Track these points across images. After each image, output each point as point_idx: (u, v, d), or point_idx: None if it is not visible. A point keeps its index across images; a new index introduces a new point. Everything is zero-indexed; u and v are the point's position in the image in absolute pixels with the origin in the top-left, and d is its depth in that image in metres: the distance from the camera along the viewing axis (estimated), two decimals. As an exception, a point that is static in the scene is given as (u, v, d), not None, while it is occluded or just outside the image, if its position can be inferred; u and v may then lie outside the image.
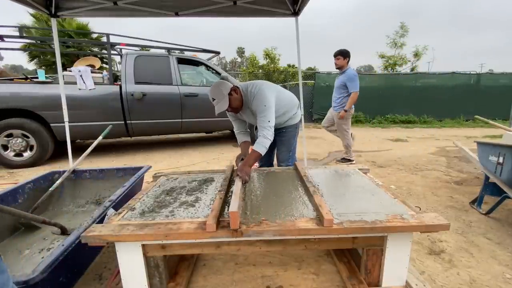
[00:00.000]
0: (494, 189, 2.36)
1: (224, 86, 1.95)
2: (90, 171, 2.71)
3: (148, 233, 1.23)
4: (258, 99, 1.96)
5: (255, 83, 2.06)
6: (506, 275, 1.64)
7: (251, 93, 2.01)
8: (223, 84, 1.96)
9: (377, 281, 1.43)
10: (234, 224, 1.21)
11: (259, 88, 2.00)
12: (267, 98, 1.96)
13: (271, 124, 1.92)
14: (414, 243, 1.96)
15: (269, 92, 2.00)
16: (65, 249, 1.34)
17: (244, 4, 2.79)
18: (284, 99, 2.21)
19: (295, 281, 1.54)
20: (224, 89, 1.93)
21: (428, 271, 1.67)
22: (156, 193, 1.70)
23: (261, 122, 1.94)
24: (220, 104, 1.92)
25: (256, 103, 1.97)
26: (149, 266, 1.38)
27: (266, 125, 1.91)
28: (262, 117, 1.93)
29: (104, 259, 1.84)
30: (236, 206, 1.26)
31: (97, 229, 1.28)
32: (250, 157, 1.89)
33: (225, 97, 1.91)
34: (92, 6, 2.72)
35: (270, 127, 1.91)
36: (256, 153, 1.87)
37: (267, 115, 1.92)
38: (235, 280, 1.57)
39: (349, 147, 4.21)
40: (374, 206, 1.44)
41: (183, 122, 5.01)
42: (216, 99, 1.92)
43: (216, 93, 1.92)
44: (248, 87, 2.04)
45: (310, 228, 1.25)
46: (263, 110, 1.93)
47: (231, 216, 1.21)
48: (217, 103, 1.92)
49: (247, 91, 2.04)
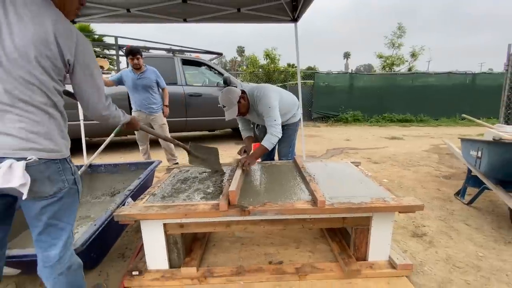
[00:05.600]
0: (476, 181, 2.59)
1: (233, 94, 2.15)
2: (105, 166, 2.93)
3: (171, 212, 1.46)
4: (263, 103, 2.19)
5: (259, 88, 2.28)
6: (478, 254, 1.87)
7: (256, 97, 2.24)
8: (232, 92, 2.17)
9: (364, 256, 1.67)
10: (233, 201, 1.49)
11: (263, 92, 2.22)
12: (271, 100, 2.18)
13: (278, 122, 2.15)
14: (399, 227, 2.19)
15: (272, 95, 2.23)
16: (97, 228, 1.58)
17: (247, 11, 3.02)
18: (285, 100, 2.42)
19: (294, 258, 1.78)
20: (233, 98, 2.14)
21: (410, 250, 1.90)
22: (172, 182, 1.93)
23: (269, 121, 2.16)
24: (230, 111, 2.14)
25: (262, 106, 2.19)
26: (169, 243, 1.61)
27: (273, 124, 2.13)
28: (269, 118, 2.16)
29: (125, 241, 2.07)
30: (235, 187, 1.55)
31: (127, 209, 1.51)
32: (258, 150, 2.13)
33: (235, 105, 2.14)
34: (107, 13, 2.95)
35: (277, 125, 2.14)
36: (263, 147, 2.11)
37: (272, 115, 2.15)
38: (242, 257, 1.80)
39: None
40: (361, 191, 1.67)
41: (187, 121, 5.25)
42: (227, 107, 2.14)
43: (226, 101, 2.14)
44: (253, 92, 2.26)
45: (306, 208, 1.48)
46: (268, 112, 2.16)
47: (230, 194, 1.49)
48: (227, 110, 2.14)
49: (253, 95, 2.26)
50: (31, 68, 0.94)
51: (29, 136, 0.97)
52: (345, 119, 9.45)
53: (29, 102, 0.96)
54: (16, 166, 0.93)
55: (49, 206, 1.06)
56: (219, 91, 5.44)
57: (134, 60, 3.12)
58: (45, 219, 1.07)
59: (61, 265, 1.14)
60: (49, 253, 1.12)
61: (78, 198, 1.19)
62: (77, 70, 1.06)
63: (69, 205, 1.13)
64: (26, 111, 0.96)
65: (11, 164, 0.93)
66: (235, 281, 1.56)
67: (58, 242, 1.12)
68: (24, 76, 0.94)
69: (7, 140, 0.94)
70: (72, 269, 1.19)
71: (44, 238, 1.11)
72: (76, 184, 1.15)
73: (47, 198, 1.05)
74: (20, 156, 0.95)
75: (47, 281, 1.17)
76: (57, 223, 1.11)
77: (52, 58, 0.97)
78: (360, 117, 9.58)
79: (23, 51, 0.91)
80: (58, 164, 1.06)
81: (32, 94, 0.96)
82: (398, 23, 12.96)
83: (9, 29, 0.90)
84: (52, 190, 1.05)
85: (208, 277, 1.57)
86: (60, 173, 1.07)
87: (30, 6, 0.93)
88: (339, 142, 6.02)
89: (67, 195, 1.10)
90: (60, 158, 1.06)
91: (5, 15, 0.90)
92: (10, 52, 0.91)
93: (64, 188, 1.08)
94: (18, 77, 0.93)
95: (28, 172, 0.95)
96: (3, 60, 0.91)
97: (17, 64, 0.92)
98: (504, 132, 2.28)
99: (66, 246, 1.16)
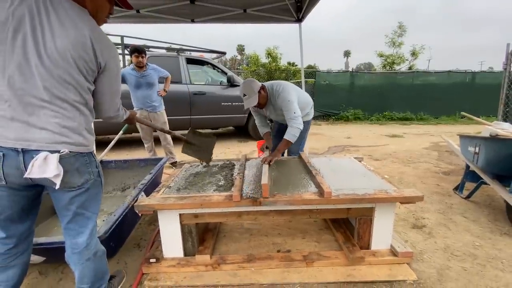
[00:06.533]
0: (473, 176, 2.70)
1: (255, 84, 2.24)
2: (115, 162, 3.03)
3: (187, 203, 1.57)
4: (283, 96, 2.26)
5: (279, 83, 2.36)
6: (475, 243, 1.98)
7: (276, 91, 2.31)
8: (254, 82, 2.25)
9: (368, 245, 1.77)
10: (265, 193, 1.58)
11: (283, 87, 2.30)
12: (290, 94, 2.26)
13: (297, 114, 2.21)
14: (400, 219, 2.30)
15: (291, 90, 2.31)
16: (117, 218, 1.68)
17: (253, 12, 3.11)
18: (301, 98, 2.48)
19: (301, 247, 1.88)
20: (255, 87, 2.21)
21: (410, 240, 2.01)
22: (185, 176, 2.04)
23: (289, 115, 2.22)
24: (250, 99, 2.20)
25: (281, 100, 2.26)
26: (184, 232, 1.72)
27: (293, 116, 2.20)
28: (288, 111, 2.22)
29: (139, 233, 2.18)
30: (266, 180, 1.63)
31: (146, 200, 1.62)
32: (282, 145, 2.19)
33: (256, 94, 2.20)
34: (117, 14, 3.04)
35: (298, 117, 2.20)
36: (287, 141, 2.18)
37: (292, 108, 2.21)
38: (251, 246, 1.91)
39: None
40: (365, 184, 1.78)
41: (192, 119, 5.34)
42: (247, 95, 2.20)
43: (248, 90, 2.21)
44: (273, 86, 2.34)
45: (313, 199, 1.59)
46: (287, 105, 2.22)
47: (263, 187, 1.59)
48: (247, 99, 2.21)
49: (272, 89, 2.33)
50: (69, 69, 1.03)
51: (62, 131, 1.06)
52: (345, 117, 9.54)
53: (65, 100, 1.06)
54: (51, 158, 1.02)
55: (77, 196, 1.16)
56: (222, 89, 5.55)
57: (139, 58, 3.22)
58: (74, 209, 1.17)
59: (88, 251, 1.25)
60: (77, 240, 1.22)
61: (102, 189, 1.29)
62: (105, 73, 1.15)
63: (95, 195, 1.24)
64: (61, 108, 1.05)
65: (46, 156, 1.02)
66: (247, 268, 1.66)
67: (85, 230, 1.23)
68: (63, 76, 1.03)
69: (42, 134, 1.03)
70: (98, 255, 1.30)
71: (73, 227, 1.21)
72: (100, 176, 1.25)
73: (75, 189, 1.14)
74: (53, 149, 1.04)
75: (76, 266, 1.27)
76: (84, 212, 1.21)
77: (88, 60, 1.07)
78: (360, 116, 9.67)
79: (63, 53, 1.01)
80: (86, 157, 1.15)
81: (67, 92, 1.06)
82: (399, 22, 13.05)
83: (51, 32, 1.00)
84: (80, 181, 1.14)
85: (221, 264, 1.67)
86: (87, 166, 1.16)
87: (71, 13, 1.03)
88: (340, 140, 6.12)
89: (92, 186, 1.20)
90: (87, 152, 1.16)
91: (48, 20, 0.99)
92: (52, 53, 1.00)
93: (90, 179, 1.18)
94: (57, 76, 1.02)
95: (61, 164, 1.04)
96: (45, 60, 1.00)
97: (57, 64, 1.01)
98: (500, 129, 2.37)
99: (92, 233, 1.26)
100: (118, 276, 1.60)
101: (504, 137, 2.14)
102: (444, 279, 1.61)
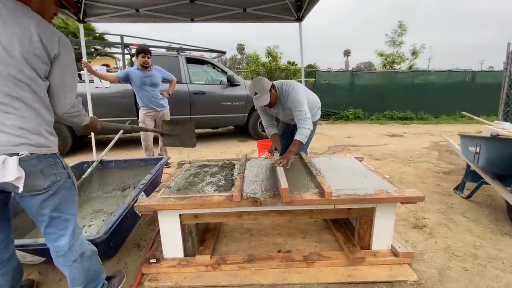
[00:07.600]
0: (474, 176, 2.69)
1: (266, 82, 2.20)
2: (115, 161, 3.02)
3: (187, 203, 1.56)
4: (293, 97, 2.23)
5: (289, 83, 2.33)
6: (476, 243, 1.98)
7: (285, 91, 2.28)
8: (265, 80, 2.21)
9: (368, 245, 1.77)
10: (286, 198, 1.51)
11: (293, 87, 2.28)
12: (300, 95, 2.24)
13: (308, 115, 2.18)
14: (401, 220, 2.29)
15: (301, 91, 2.29)
16: (117, 218, 1.68)
17: (253, 11, 3.10)
18: (309, 99, 2.45)
19: (301, 247, 1.88)
20: (266, 86, 2.17)
21: (411, 240, 2.00)
22: (185, 176, 2.03)
23: (299, 116, 2.19)
24: (262, 98, 2.15)
25: (291, 100, 2.23)
26: (184, 232, 1.71)
27: (303, 117, 2.16)
28: (299, 111, 2.19)
29: (139, 233, 2.17)
30: (286, 184, 1.56)
31: (146, 200, 1.61)
32: (294, 146, 2.13)
33: (268, 93, 2.16)
34: (116, 13, 3.04)
35: (308, 118, 2.17)
36: (298, 142, 2.13)
37: (302, 109, 2.18)
38: (251, 246, 1.90)
39: None
40: (365, 184, 1.77)
41: (191, 118, 5.33)
42: (259, 94, 2.16)
43: (259, 89, 2.16)
44: (282, 86, 2.31)
45: (314, 199, 1.58)
46: (297, 105, 2.19)
47: (283, 191, 1.51)
48: (258, 97, 2.16)
49: (282, 89, 2.30)
50: (19, 66, 1.00)
51: (19, 132, 1.03)
52: (346, 116, 9.52)
53: (18, 99, 1.02)
54: (10, 161, 0.99)
55: (47, 200, 1.13)
56: (222, 89, 5.54)
57: (145, 58, 3.23)
58: (48, 213, 1.15)
59: (73, 252, 1.24)
60: (59, 243, 1.21)
61: (75, 190, 1.26)
62: (56, 63, 1.10)
63: (68, 197, 1.21)
64: (14, 108, 1.02)
65: (4, 159, 0.98)
66: (247, 268, 1.66)
67: (66, 232, 1.21)
68: (13, 73, 1.00)
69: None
70: (86, 256, 1.29)
71: (52, 231, 1.19)
72: (70, 178, 1.22)
73: (43, 192, 1.11)
74: (12, 152, 1.01)
75: (64, 269, 1.27)
76: (61, 215, 1.19)
77: (39, 56, 1.03)
78: (360, 115, 9.65)
79: (10, 50, 0.98)
80: (49, 158, 1.12)
81: (20, 90, 1.02)
82: (399, 22, 13.02)
83: None
84: (46, 183, 1.11)
85: (221, 264, 1.67)
86: (52, 167, 1.13)
87: (13, 11, 1.00)
88: (340, 139, 6.11)
89: (63, 188, 1.17)
90: (50, 153, 1.13)
91: None
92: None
93: (57, 181, 1.15)
94: (7, 75, 0.99)
95: (22, 167, 1.01)
96: None
97: (6, 63, 0.98)
98: (501, 129, 2.37)
99: (74, 234, 1.24)
100: (118, 276, 1.60)
101: (506, 137, 2.13)
102: (445, 280, 1.60)
